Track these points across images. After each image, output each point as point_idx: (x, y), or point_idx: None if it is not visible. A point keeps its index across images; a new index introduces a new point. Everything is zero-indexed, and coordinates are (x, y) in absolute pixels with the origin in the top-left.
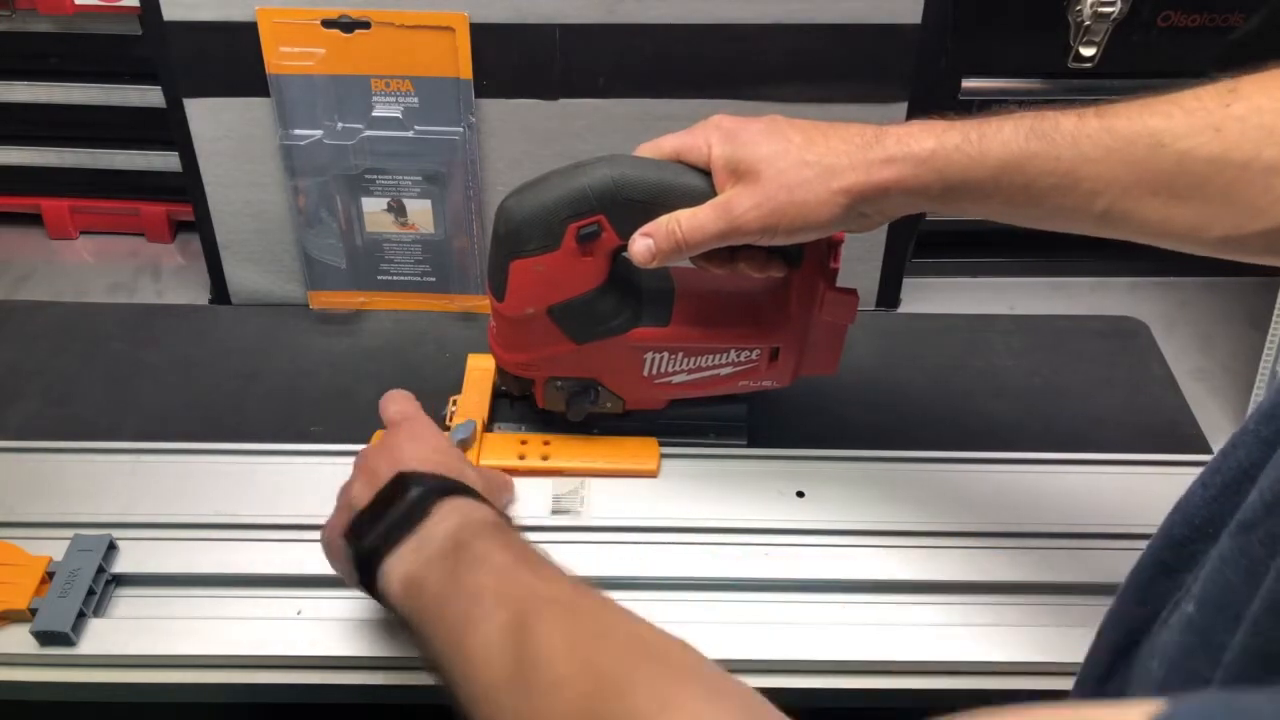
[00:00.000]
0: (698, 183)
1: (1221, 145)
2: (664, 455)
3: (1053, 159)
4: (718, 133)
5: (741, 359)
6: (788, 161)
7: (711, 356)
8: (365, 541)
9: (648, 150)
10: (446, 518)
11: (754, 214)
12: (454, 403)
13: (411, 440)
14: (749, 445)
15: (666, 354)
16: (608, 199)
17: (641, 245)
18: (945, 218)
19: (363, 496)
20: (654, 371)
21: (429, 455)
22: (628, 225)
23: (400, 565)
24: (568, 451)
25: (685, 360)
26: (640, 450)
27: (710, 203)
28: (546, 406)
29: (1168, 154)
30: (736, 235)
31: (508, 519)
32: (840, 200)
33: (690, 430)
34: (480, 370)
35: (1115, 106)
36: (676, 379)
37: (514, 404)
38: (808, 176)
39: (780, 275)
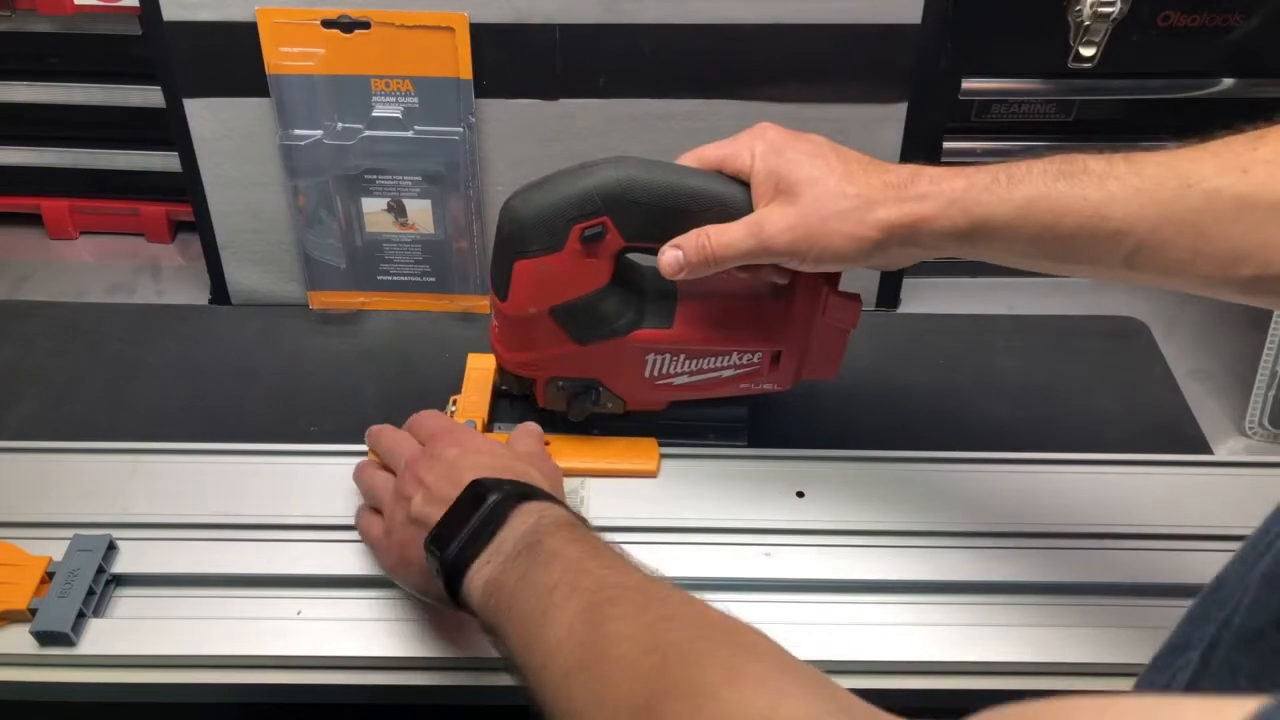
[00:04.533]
0: (707, 185)
1: (1249, 185)
2: (664, 455)
3: (1079, 198)
4: (761, 143)
5: (743, 362)
6: (826, 188)
7: (713, 359)
8: (449, 553)
9: (691, 159)
10: (523, 521)
11: (786, 236)
12: (454, 402)
13: (472, 452)
14: (749, 446)
15: (668, 356)
16: (613, 200)
17: (671, 256)
18: None
19: (431, 511)
20: (655, 373)
21: (492, 463)
22: (632, 227)
23: (481, 572)
24: (568, 451)
25: (687, 362)
26: (640, 450)
27: (742, 220)
28: (547, 406)
29: (1195, 193)
30: (765, 255)
31: (580, 516)
32: (872, 235)
33: (690, 431)
34: (480, 370)
35: (1143, 153)
36: (678, 381)
37: (514, 403)
38: (844, 207)
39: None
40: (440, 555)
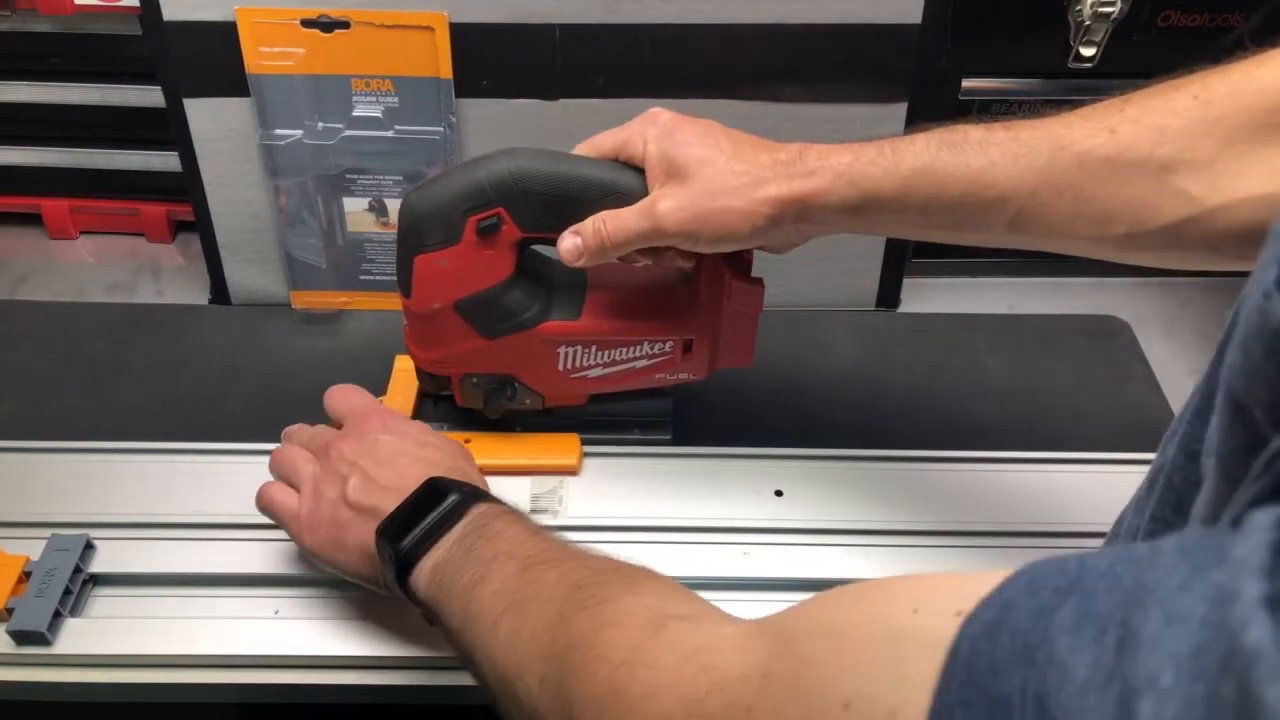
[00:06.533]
0: (600, 173)
1: (1117, 145)
2: (648, 454)
3: (962, 166)
4: (654, 128)
5: (655, 351)
6: (716, 168)
7: (625, 349)
8: (404, 545)
9: (585, 149)
10: (474, 513)
11: (678, 216)
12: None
13: (412, 444)
14: (673, 441)
15: (580, 348)
16: (505, 191)
17: (570, 243)
18: None
19: (377, 500)
20: (569, 366)
21: (435, 457)
22: (528, 217)
23: (431, 557)
24: (488, 449)
25: (599, 354)
26: (561, 446)
27: (637, 204)
28: (465, 404)
29: (1068, 156)
30: (660, 236)
31: (519, 510)
32: (763, 211)
33: (613, 426)
34: (406, 371)
35: (1020, 121)
36: (593, 373)
37: (438, 403)
38: (734, 185)
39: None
40: (394, 546)
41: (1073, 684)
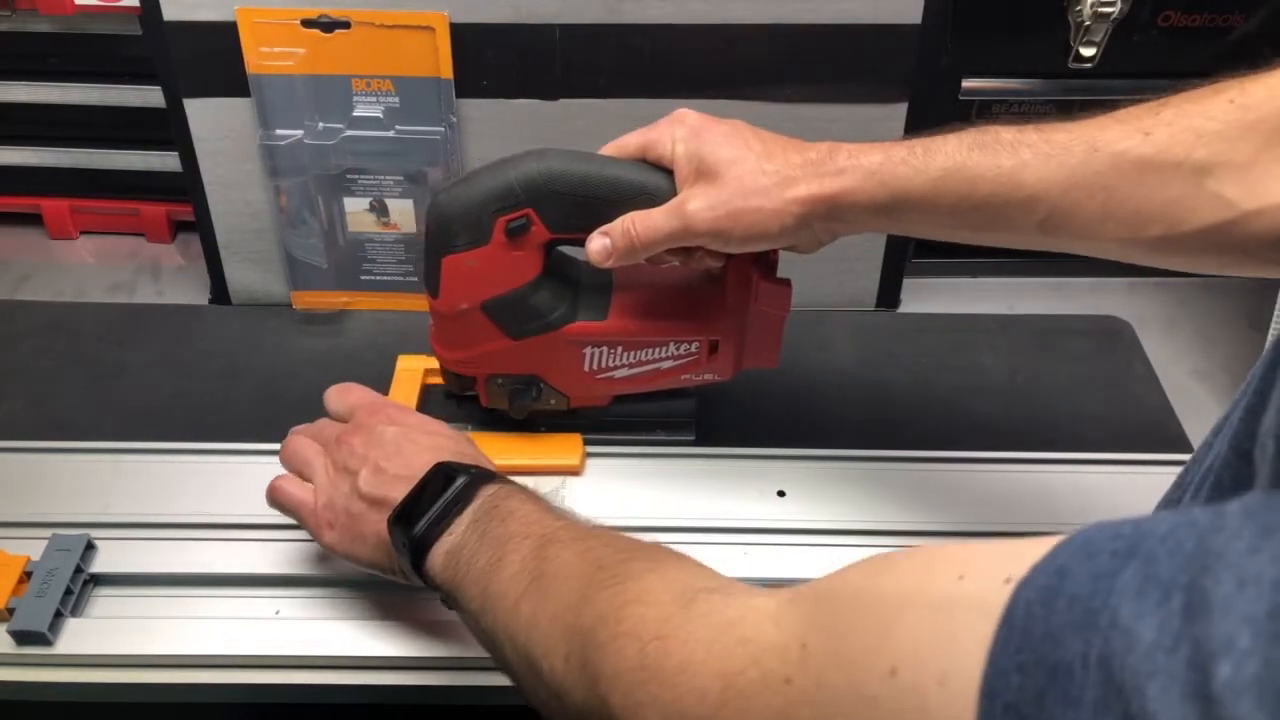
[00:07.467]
0: (629, 174)
1: (1152, 147)
2: (649, 455)
3: (993, 166)
4: (681, 128)
5: (681, 352)
6: (746, 167)
7: (651, 350)
8: (416, 530)
9: (612, 149)
10: (484, 495)
11: (708, 215)
12: None
13: (417, 433)
14: (698, 442)
15: (605, 348)
16: (535, 191)
17: (599, 244)
18: None
19: (389, 490)
20: (594, 366)
21: (441, 444)
22: (557, 218)
23: (444, 544)
24: (489, 448)
25: (625, 354)
26: (563, 446)
27: (666, 204)
28: (490, 404)
29: (1101, 157)
30: (689, 236)
31: (529, 489)
32: (793, 210)
33: (637, 427)
34: (409, 370)
35: (1052, 123)
36: (618, 374)
37: (461, 403)
38: (764, 184)
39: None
40: (408, 532)
41: (1139, 648)
